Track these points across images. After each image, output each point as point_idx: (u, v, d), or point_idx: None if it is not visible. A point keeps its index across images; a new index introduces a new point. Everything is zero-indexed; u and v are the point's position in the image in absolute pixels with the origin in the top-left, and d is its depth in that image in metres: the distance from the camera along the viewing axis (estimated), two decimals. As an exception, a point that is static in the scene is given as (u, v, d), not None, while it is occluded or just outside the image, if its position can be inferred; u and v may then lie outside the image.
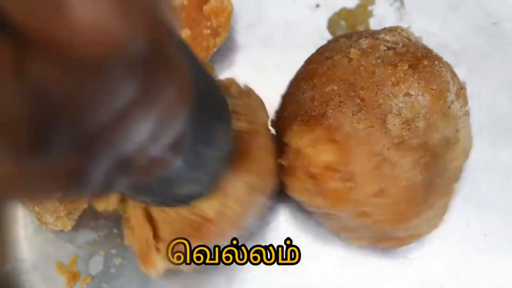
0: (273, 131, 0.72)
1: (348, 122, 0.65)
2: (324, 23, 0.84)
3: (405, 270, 0.75)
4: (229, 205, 0.67)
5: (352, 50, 0.69)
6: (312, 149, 0.66)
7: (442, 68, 0.68)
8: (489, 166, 0.77)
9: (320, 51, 0.72)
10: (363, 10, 0.83)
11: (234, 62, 0.82)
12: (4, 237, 0.78)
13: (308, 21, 0.83)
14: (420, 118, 0.65)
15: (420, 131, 0.66)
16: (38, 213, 0.72)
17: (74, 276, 0.76)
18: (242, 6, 0.83)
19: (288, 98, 0.71)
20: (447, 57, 0.70)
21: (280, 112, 0.72)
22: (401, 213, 0.66)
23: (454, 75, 0.70)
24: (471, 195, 0.77)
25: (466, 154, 0.71)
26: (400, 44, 0.69)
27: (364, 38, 0.70)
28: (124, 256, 0.76)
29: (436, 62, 0.68)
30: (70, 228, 0.74)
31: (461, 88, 0.70)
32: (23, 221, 0.79)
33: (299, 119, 0.68)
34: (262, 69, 0.82)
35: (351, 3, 0.84)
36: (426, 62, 0.67)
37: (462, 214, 0.77)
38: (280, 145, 0.70)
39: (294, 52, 0.80)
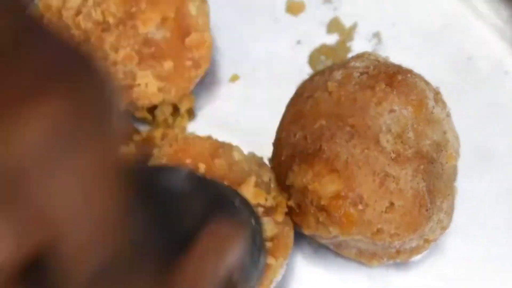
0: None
1: (345, 150, 0.69)
2: (305, 58, 0.88)
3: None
4: (264, 285, 0.70)
5: (329, 84, 0.72)
6: (317, 183, 0.69)
7: (416, 79, 0.72)
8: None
9: (298, 92, 0.76)
10: (342, 46, 0.88)
11: (218, 96, 0.86)
12: None
13: (290, 56, 0.88)
14: (409, 129, 0.69)
15: (412, 141, 0.69)
16: None
17: None
18: (226, 41, 0.87)
19: (281, 143, 0.75)
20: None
21: (276, 158, 0.75)
22: (414, 221, 0.69)
23: (427, 83, 0.74)
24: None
25: (457, 152, 0.75)
26: (371, 67, 0.73)
27: (336, 70, 0.74)
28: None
29: (409, 75, 0.72)
30: None
31: (437, 93, 0.74)
32: None
33: (297, 159, 0.71)
34: (246, 102, 0.85)
35: (331, 39, 0.88)
36: (400, 77, 0.71)
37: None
38: (283, 189, 0.73)
39: (277, 86, 0.84)
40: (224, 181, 0.72)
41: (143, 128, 0.83)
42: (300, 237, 0.78)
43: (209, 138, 0.75)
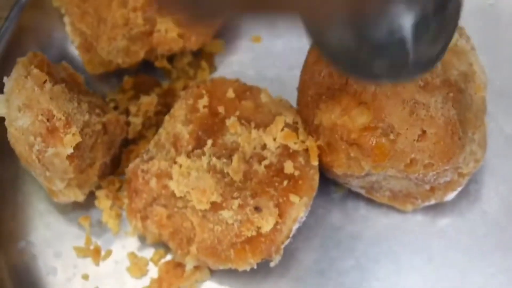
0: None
1: (372, 82, 0.68)
2: None
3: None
4: (287, 223, 0.69)
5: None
6: (346, 117, 0.68)
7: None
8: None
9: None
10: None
11: (240, 49, 0.86)
12: (16, 215, 0.78)
13: None
14: (436, 59, 0.69)
15: (439, 70, 0.69)
16: (48, 179, 0.71)
17: (97, 252, 0.77)
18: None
19: (306, 84, 0.74)
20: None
21: (302, 101, 0.74)
22: (447, 149, 0.68)
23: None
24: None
25: (485, 84, 0.74)
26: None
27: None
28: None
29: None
30: (82, 198, 0.75)
31: (460, 28, 0.74)
32: (34, 197, 0.79)
33: (323, 97, 0.70)
34: (268, 54, 0.85)
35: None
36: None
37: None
38: (311, 131, 0.72)
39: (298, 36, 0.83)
40: (251, 122, 0.72)
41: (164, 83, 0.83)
42: (328, 185, 0.78)
43: (237, 80, 0.75)
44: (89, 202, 0.77)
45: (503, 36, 0.86)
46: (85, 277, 0.76)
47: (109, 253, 0.77)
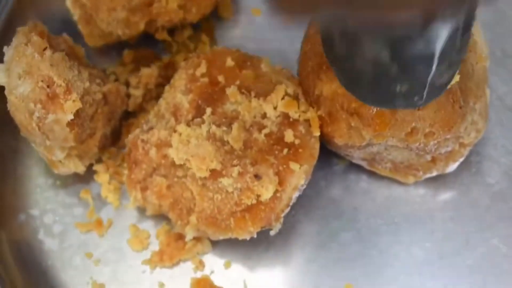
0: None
1: (373, 49, 0.68)
2: None
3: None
4: (286, 191, 0.69)
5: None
6: (346, 86, 0.68)
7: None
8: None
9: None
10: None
11: (240, 22, 0.86)
12: (15, 188, 0.78)
13: None
14: (437, 26, 0.68)
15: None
16: (48, 149, 0.71)
17: (99, 224, 0.77)
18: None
19: (306, 55, 0.73)
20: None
21: (302, 71, 0.74)
22: (448, 118, 0.67)
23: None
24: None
25: (486, 55, 0.73)
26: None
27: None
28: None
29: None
30: (83, 169, 0.75)
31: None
32: (34, 171, 0.79)
33: (324, 67, 0.70)
34: (267, 28, 0.85)
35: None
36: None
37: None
38: (312, 102, 0.72)
39: None
40: (251, 91, 0.72)
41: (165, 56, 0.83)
42: (329, 157, 0.78)
43: (237, 50, 0.74)
44: (89, 176, 0.78)
45: (505, 8, 0.85)
46: (86, 250, 0.76)
47: (109, 223, 0.77)
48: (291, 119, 0.71)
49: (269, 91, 0.72)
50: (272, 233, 0.70)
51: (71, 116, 0.66)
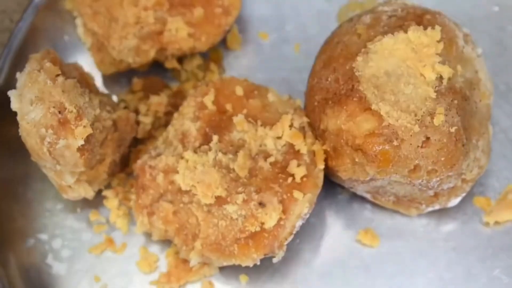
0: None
1: (377, 88, 0.69)
2: (334, 15, 0.90)
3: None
4: (290, 219, 0.70)
5: (358, 26, 0.73)
6: (351, 123, 0.69)
7: (445, 19, 0.73)
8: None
9: (328, 41, 0.77)
10: (371, 1, 0.89)
11: (248, 51, 0.87)
12: (25, 212, 0.79)
13: (319, 12, 0.89)
14: (442, 66, 0.70)
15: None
16: (58, 174, 0.72)
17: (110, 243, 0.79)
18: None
19: (313, 89, 0.75)
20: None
21: (309, 105, 0.75)
22: (451, 156, 0.68)
23: (456, 24, 0.74)
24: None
25: (490, 92, 0.75)
26: (399, 9, 0.74)
27: (365, 16, 0.75)
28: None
29: (437, 15, 0.73)
30: (92, 195, 0.75)
31: (466, 35, 0.75)
32: (44, 195, 0.80)
33: (330, 102, 0.71)
34: (275, 57, 0.87)
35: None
36: (428, 17, 0.72)
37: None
38: (318, 135, 0.73)
39: (306, 40, 0.86)
40: (258, 121, 0.73)
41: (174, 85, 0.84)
42: (333, 187, 0.79)
43: (245, 80, 0.76)
44: (98, 201, 0.79)
45: (507, 42, 0.87)
46: (94, 274, 0.77)
47: (124, 246, 0.78)
48: (296, 149, 0.72)
49: (275, 121, 0.73)
50: (275, 260, 0.71)
51: (81, 142, 0.68)
